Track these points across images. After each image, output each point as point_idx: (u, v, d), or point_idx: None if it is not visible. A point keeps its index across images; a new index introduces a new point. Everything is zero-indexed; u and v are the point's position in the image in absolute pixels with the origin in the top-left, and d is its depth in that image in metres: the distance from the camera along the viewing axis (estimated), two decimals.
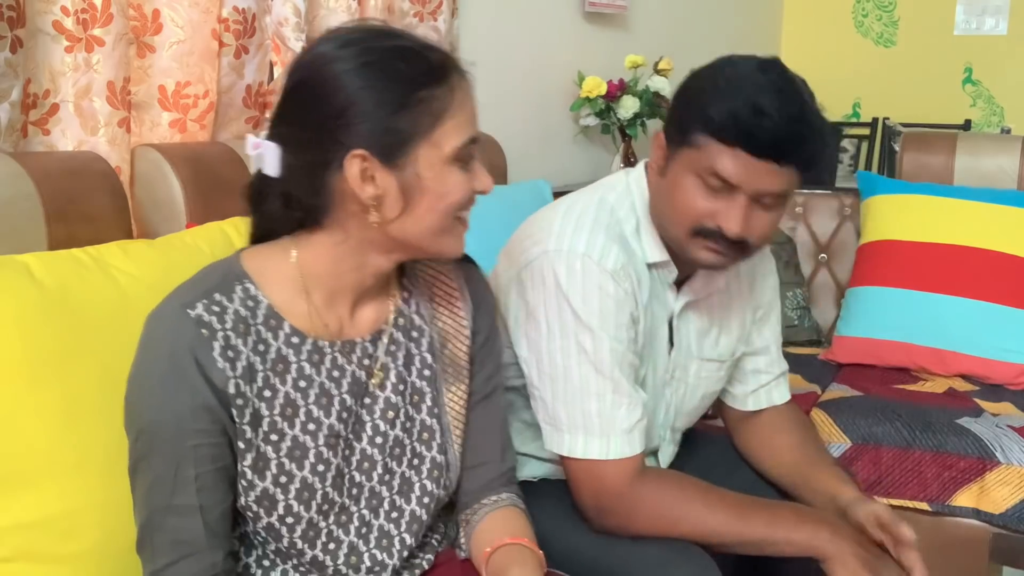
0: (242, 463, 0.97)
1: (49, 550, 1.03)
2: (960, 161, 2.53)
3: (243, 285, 0.98)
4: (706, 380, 1.39)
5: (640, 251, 1.25)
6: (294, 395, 1.00)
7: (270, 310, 0.99)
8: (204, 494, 0.94)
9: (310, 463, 1.00)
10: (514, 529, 1.10)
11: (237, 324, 0.96)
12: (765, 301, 1.44)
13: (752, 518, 1.18)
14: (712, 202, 1.16)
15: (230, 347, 0.95)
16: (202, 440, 0.94)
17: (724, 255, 1.19)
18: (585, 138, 3.06)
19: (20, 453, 1.02)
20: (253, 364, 0.97)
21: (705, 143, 1.14)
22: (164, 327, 0.94)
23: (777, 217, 1.19)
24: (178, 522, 0.94)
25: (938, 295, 2.23)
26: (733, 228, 1.15)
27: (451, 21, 2.28)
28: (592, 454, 1.20)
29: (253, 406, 0.97)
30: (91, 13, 1.41)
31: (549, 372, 1.22)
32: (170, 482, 0.94)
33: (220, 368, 0.93)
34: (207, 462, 0.95)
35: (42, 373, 1.04)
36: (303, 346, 1.00)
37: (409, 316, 1.10)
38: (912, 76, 4.82)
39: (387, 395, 1.07)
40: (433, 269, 1.14)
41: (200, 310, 0.94)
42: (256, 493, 0.98)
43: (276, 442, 0.99)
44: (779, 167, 1.12)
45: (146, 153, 1.48)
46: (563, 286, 1.19)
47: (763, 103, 1.11)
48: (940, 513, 1.89)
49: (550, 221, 1.26)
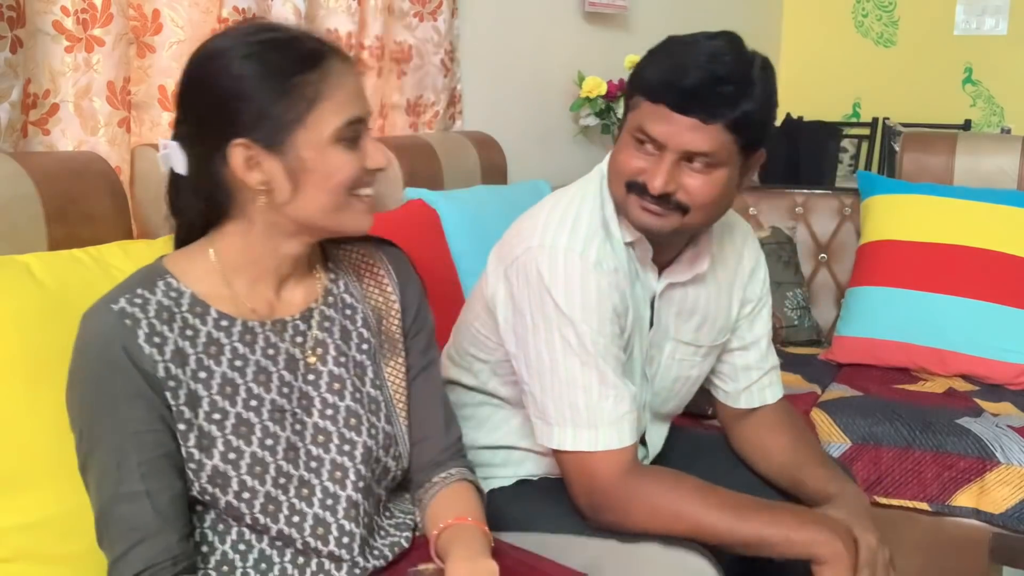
0: (186, 445, 1.00)
1: (49, 550, 1.03)
2: (960, 161, 2.53)
3: (165, 280, 1.03)
4: (680, 363, 1.39)
5: (619, 232, 1.27)
6: (231, 374, 1.04)
7: (194, 299, 1.04)
8: (150, 480, 0.97)
9: (257, 438, 1.04)
10: (461, 507, 1.12)
11: (160, 312, 1.01)
12: (755, 295, 1.43)
13: (750, 517, 1.18)
14: (642, 160, 1.19)
15: (155, 333, 0.99)
16: (140, 427, 0.98)
17: (659, 215, 1.19)
18: (585, 138, 3.06)
19: (20, 453, 1.02)
20: (183, 348, 1.01)
21: (639, 103, 1.19)
22: (91, 324, 0.99)
23: (716, 181, 1.18)
24: (128, 509, 0.97)
25: (938, 295, 2.23)
26: (656, 183, 1.16)
27: (451, 21, 2.28)
28: (581, 446, 1.21)
29: (188, 387, 1.01)
30: (91, 13, 1.41)
31: (536, 367, 1.23)
32: (115, 471, 0.97)
33: (147, 354, 0.98)
34: (149, 448, 0.98)
35: (42, 373, 1.04)
36: (233, 328, 1.05)
37: (339, 295, 1.15)
38: (912, 76, 4.82)
39: (330, 368, 1.11)
40: (356, 252, 1.20)
41: (123, 303, 0.99)
42: (207, 472, 1.01)
43: (220, 420, 1.02)
44: (703, 124, 1.13)
45: (146, 153, 1.48)
46: (546, 280, 1.21)
47: (689, 62, 1.14)
48: (940, 513, 1.89)
49: (534, 218, 1.28)
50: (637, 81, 1.20)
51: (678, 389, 1.42)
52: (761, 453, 1.43)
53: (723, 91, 1.13)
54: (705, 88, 1.13)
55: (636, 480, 1.21)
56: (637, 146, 1.19)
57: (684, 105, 1.13)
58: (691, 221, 1.21)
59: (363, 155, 1.04)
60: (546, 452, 1.32)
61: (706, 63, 1.13)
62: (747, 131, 1.16)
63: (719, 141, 1.15)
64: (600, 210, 1.27)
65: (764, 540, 1.17)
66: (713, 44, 1.16)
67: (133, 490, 0.97)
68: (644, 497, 1.20)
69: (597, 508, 1.22)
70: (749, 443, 1.45)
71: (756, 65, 1.17)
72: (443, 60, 2.27)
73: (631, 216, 1.22)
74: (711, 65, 1.13)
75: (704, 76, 1.13)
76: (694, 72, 1.13)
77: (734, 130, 1.14)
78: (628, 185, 1.21)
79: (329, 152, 1.01)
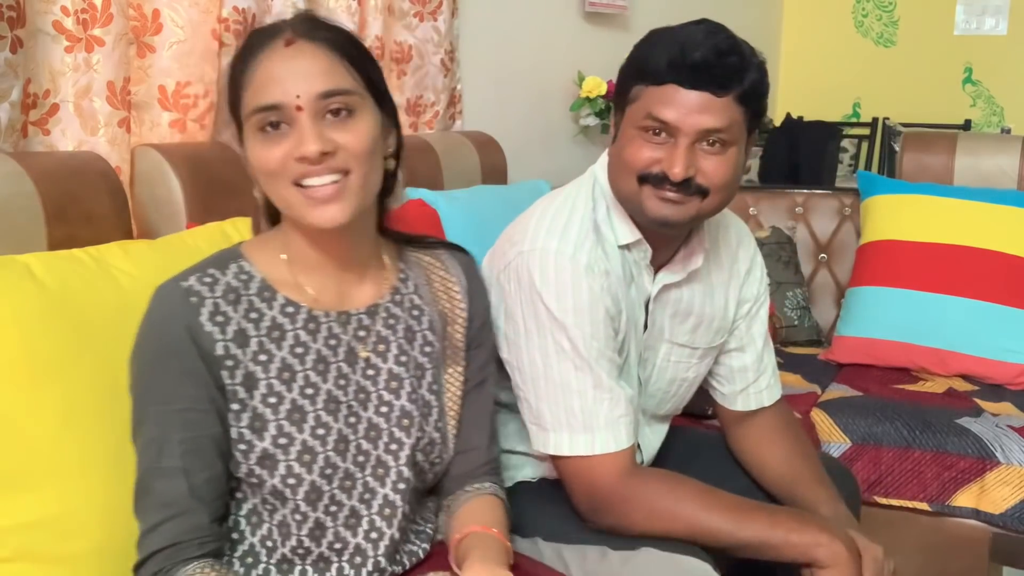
0: (238, 425, 1.01)
1: (49, 550, 1.03)
2: (960, 161, 2.53)
3: (238, 263, 1.05)
4: (675, 365, 1.38)
5: (612, 235, 1.26)
6: (291, 360, 1.04)
7: (263, 283, 1.05)
8: (189, 458, 0.98)
9: (309, 426, 1.04)
10: (488, 519, 1.11)
11: (228, 293, 1.02)
12: (752, 295, 1.43)
13: (750, 519, 1.18)
14: (655, 150, 1.17)
15: (219, 313, 1.01)
16: (188, 405, 0.99)
17: (678, 202, 1.18)
18: (585, 138, 3.06)
19: (20, 453, 1.02)
20: (245, 329, 1.02)
21: (642, 92, 1.17)
22: (158, 299, 1.01)
23: (731, 160, 1.17)
24: (164, 484, 0.98)
25: (938, 295, 2.23)
26: (676, 170, 1.15)
27: (451, 21, 2.28)
28: (578, 451, 1.20)
29: (247, 369, 1.02)
30: (91, 13, 1.41)
31: (530, 372, 1.22)
32: (158, 445, 0.98)
33: (208, 332, 1.00)
34: (192, 428, 0.99)
35: (42, 373, 1.04)
36: (298, 315, 1.06)
37: (407, 295, 1.14)
38: (912, 76, 4.82)
39: (390, 366, 1.10)
40: (429, 256, 1.18)
41: (192, 281, 1.01)
42: (256, 454, 1.01)
43: (275, 404, 1.03)
44: (715, 97, 1.13)
45: (146, 153, 1.48)
46: (537, 285, 1.20)
47: (692, 40, 1.14)
48: (940, 513, 1.89)
49: (525, 223, 1.27)
50: (635, 71, 1.19)
51: (674, 391, 1.42)
52: (757, 463, 1.42)
53: (730, 62, 1.14)
54: (713, 60, 1.13)
55: (635, 482, 1.20)
56: (645, 137, 1.18)
57: (695, 79, 1.13)
58: (709, 205, 1.20)
59: (288, 143, 0.98)
60: (544, 456, 1.32)
61: (705, 39, 1.14)
62: (754, 103, 1.17)
63: (730, 115, 1.15)
64: (591, 213, 1.26)
65: (764, 542, 1.17)
66: (701, 26, 1.17)
67: (172, 466, 0.98)
68: (643, 499, 1.19)
69: (596, 511, 1.22)
70: (745, 452, 1.45)
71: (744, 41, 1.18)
72: (443, 60, 2.27)
73: (647, 210, 1.20)
74: (712, 40, 1.14)
75: (709, 50, 1.13)
76: (699, 48, 1.13)
77: (743, 101, 1.15)
78: (641, 178, 1.19)
79: (250, 140, 1.00)
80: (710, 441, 1.53)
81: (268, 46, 0.99)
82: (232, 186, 1.51)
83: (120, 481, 1.06)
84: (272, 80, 0.97)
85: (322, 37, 1.00)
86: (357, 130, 0.99)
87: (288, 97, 0.96)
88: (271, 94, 0.97)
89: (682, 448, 1.49)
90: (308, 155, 0.96)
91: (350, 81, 1.00)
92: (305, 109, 0.96)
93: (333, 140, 0.97)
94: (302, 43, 0.99)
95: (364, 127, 1.00)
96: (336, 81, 0.98)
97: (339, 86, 0.98)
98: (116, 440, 1.07)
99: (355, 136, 0.99)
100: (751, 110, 1.17)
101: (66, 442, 1.04)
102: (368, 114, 1.02)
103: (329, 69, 0.99)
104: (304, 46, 0.99)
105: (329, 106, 0.98)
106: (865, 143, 4.71)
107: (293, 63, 0.98)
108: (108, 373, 1.08)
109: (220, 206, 1.45)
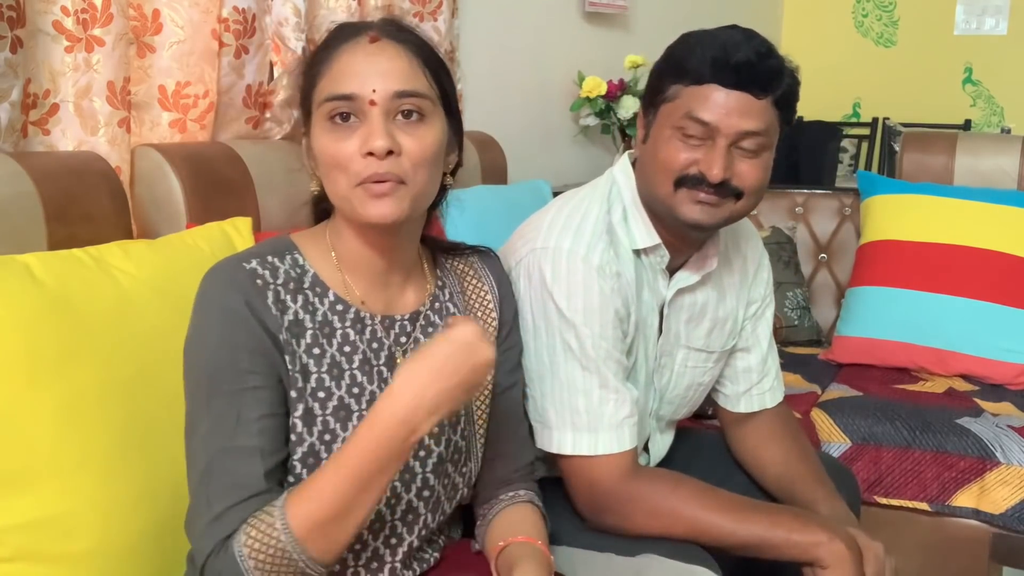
0: (294, 414, 0.99)
1: (49, 550, 1.03)
2: (960, 161, 2.53)
3: (292, 255, 1.04)
4: (693, 370, 1.38)
5: (628, 239, 1.26)
6: (339, 358, 1.03)
7: (316, 278, 1.04)
8: (264, 437, 0.95)
9: (353, 425, 1.02)
10: (528, 528, 1.10)
11: (288, 282, 1.01)
12: (759, 295, 1.43)
13: (751, 519, 1.18)
14: (692, 151, 1.17)
15: (280, 300, 1.00)
16: (261, 383, 0.96)
17: (713, 205, 1.18)
18: (585, 138, 3.06)
19: (20, 453, 1.02)
20: (303, 321, 1.01)
21: (680, 92, 1.17)
22: (220, 278, 0.99)
23: (765, 164, 1.19)
24: (238, 464, 0.93)
25: (938, 295, 2.23)
26: (715, 171, 1.15)
27: (451, 21, 2.28)
28: (582, 450, 1.21)
29: (302, 361, 1.00)
30: (91, 13, 1.41)
31: (537, 370, 1.22)
32: (232, 423, 0.94)
33: (273, 315, 0.98)
34: (266, 406, 0.96)
35: (42, 373, 1.04)
36: (347, 314, 1.05)
37: (444, 303, 1.13)
38: (912, 76, 4.83)
39: None
40: (464, 262, 1.18)
41: (255, 264, 1.00)
42: (303, 449, 0.99)
43: (324, 400, 1.01)
44: (755, 99, 1.14)
45: (146, 153, 1.48)
46: (548, 283, 1.20)
47: (733, 42, 1.15)
48: (940, 513, 1.89)
49: (540, 220, 1.27)
50: (673, 70, 1.19)
51: (691, 396, 1.42)
52: (755, 464, 1.43)
53: (771, 64, 1.15)
54: (756, 61, 1.14)
55: (636, 483, 1.20)
56: (682, 138, 1.17)
57: (738, 80, 1.14)
58: (742, 208, 1.20)
59: (356, 139, 0.97)
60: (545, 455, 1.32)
61: (745, 41, 1.15)
62: (788, 108, 1.18)
63: (769, 118, 1.16)
64: (606, 216, 1.26)
65: (765, 542, 1.17)
66: (737, 30, 1.18)
67: (249, 445, 0.94)
68: (644, 499, 1.19)
69: (598, 511, 1.22)
70: (744, 453, 1.45)
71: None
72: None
73: (680, 213, 1.20)
74: (752, 42, 1.15)
75: (752, 51, 1.14)
76: (740, 49, 1.14)
77: (779, 106, 1.16)
78: (678, 181, 1.18)
79: (320, 132, 0.99)
80: (711, 441, 1.53)
81: (352, 40, 1.00)
82: (232, 186, 1.51)
83: (120, 481, 1.06)
84: (351, 72, 0.98)
85: (405, 39, 1.01)
86: (423, 136, 0.99)
87: (364, 90, 0.96)
88: (348, 84, 0.97)
89: (684, 448, 1.49)
90: (375, 150, 0.95)
91: (426, 86, 1.00)
92: (379, 104, 0.96)
93: (399, 142, 0.97)
94: (386, 42, 0.99)
95: (431, 135, 1.00)
96: (412, 83, 0.98)
97: (415, 88, 0.98)
98: (116, 439, 1.07)
99: (420, 143, 0.98)
100: (785, 115, 1.18)
101: (66, 442, 1.04)
102: (437, 123, 1.01)
103: (408, 70, 0.99)
104: (387, 45, 0.99)
105: (402, 106, 0.97)
106: (865, 143, 4.72)
107: (374, 59, 0.98)
108: (108, 373, 1.08)
109: (220, 206, 1.45)
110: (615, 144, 3.04)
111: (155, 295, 1.18)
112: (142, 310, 1.15)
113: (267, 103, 1.74)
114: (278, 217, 1.55)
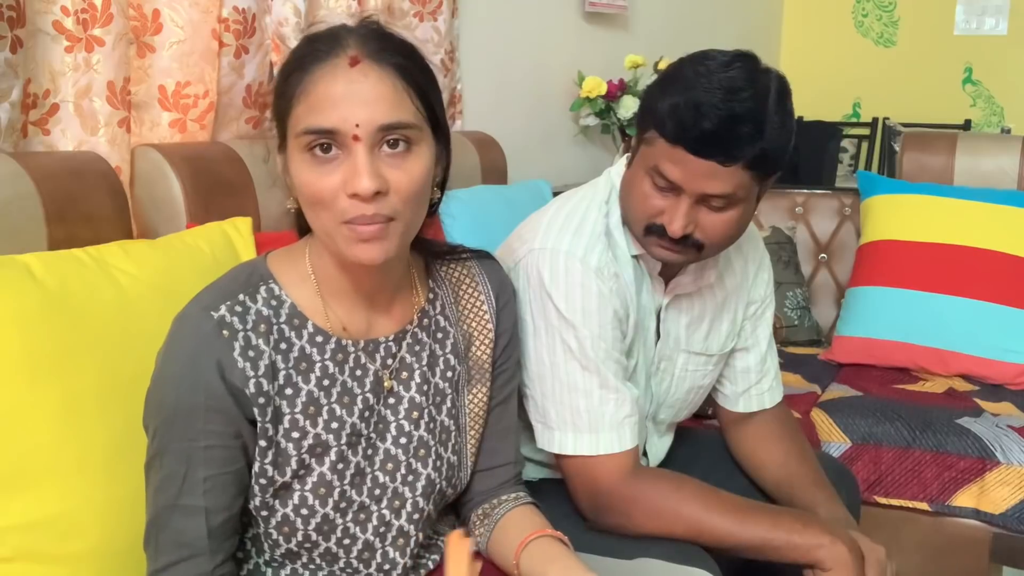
0: (262, 462, 0.97)
1: (49, 550, 1.03)
2: (960, 161, 2.53)
3: (267, 285, 0.99)
4: (693, 374, 1.38)
5: (624, 243, 1.26)
6: (317, 394, 0.99)
7: (293, 309, 0.99)
8: (211, 496, 0.94)
9: (330, 460, 1.00)
10: (540, 524, 1.10)
11: (259, 324, 0.96)
12: (759, 296, 1.43)
13: (752, 520, 1.18)
14: (660, 200, 1.16)
15: (251, 347, 0.95)
16: (214, 442, 0.94)
17: (679, 253, 1.18)
18: (585, 138, 3.06)
19: (20, 453, 1.02)
20: (275, 363, 0.97)
21: (654, 139, 1.14)
22: (186, 328, 0.94)
23: (733, 218, 1.15)
24: (182, 522, 0.94)
25: (938, 295, 2.23)
26: (675, 229, 1.14)
27: (451, 21, 2.28)
28: (582, 450, 1.21)
29: (274, 404, 0.97)
30: (91, 13, 1.41)
31: (536, 370, 1.22)
32: (179, 481, 0.93)
33: (240, 368, 0.94)
34: (217, 465, 0.94)
35: (42, 373, 1.04)
36: (327, 345, 1.00)
37: (434, 317, 1.09)
38: (912, 76, 4.83)
39: (411, 395, 1.06)
40: (458, 270, 1.13)
41: (223, 311, 0.94)
42: (275, 487, 0.98)
43: (298, 439, 0.98)
44: (722, 167, 1.09)
45: (146, 153, 1.48)
46: (546, 284, 1.20)
47: (704, 100, 1.07)
48: (940, 513, 1.89)
49: (538, 221, 1.27)
50: (651, 115, 1.14)
51: (691, 399, 1.42)
52: (754, 464, 1.43)
53: (742, 131, 1.08)
54: (723, 130, 1.07)
55: (638, 483, 1.21)
56: (652, 185, 1.16)
57: (702, 150, 1.09)
58: (707, 255, 1.21)
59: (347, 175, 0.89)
60: (546, 458, 1.32)
61: (722, 101, 1.07)
62: (766, 166, 1.12)
63: (737, 181, 1.11)
64: (604, 218, 1.26)
65: (766, 543, 1.17)
66: (728, 76, 1.09)
67: (193, 504, 0.93)
68: (646, 500, 1.19)
69: (599, 511, 1.22)
70: (743, 454, 1.45)
71: (772, 93, 1.11)
72: (443, 60, 2.26)
73: (652, 252, 1.21)
74: (728, 103, 1.07)
75: (722, 117, 1.07)
76: (711, 113, 1.07)
77: (752, 167, 1.11)
78: (647, 228, 1.18)
79: (296, 162, 0.91)
80: (711, 442, 1.53)
81: (329, 61, 0.90)
82: (232, 186, 1.51)
83: (120, 481, 1.06)
84: (331, 102, 0.88)
85: (390, 62, 0.91)
86: (411, 169, 0.91)
87: (347, 125, 0.88)
88: (328, 118, 0.88)
89: (684, 449, 1.49)
90: (361, 192, 0.87)
91: (413, 113, 0.92)
92: (363, 140, 0.88)
93: (386, 179, 0.89)
94: (367, 65, 0.90)
95: (419, 165, 0.92)
96: (398, 113, 0.90)
97: (401, 119, 0.90)
98: (116, 440, 1.07)
99: (408, 176, 0.91)
100: (762, 171, 1.12)
101: (66, 442, 1.04)
102: (425, 148, 0.94)
103: (393, 97, 0.90)
104: (369, 69, 0.90)
105: (387, 137, 0.90)
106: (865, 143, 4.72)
107: (355, 87, 0.89)
108: (108, 373, 1.08)
109: (220, 206, 1.45)
110: (615, 144, 3.04)
111: (155, 295, 1.18)
112: (142, 310, 1.15)
113: (267, 103, 1.74)
114: (278, 217, 1.55)
